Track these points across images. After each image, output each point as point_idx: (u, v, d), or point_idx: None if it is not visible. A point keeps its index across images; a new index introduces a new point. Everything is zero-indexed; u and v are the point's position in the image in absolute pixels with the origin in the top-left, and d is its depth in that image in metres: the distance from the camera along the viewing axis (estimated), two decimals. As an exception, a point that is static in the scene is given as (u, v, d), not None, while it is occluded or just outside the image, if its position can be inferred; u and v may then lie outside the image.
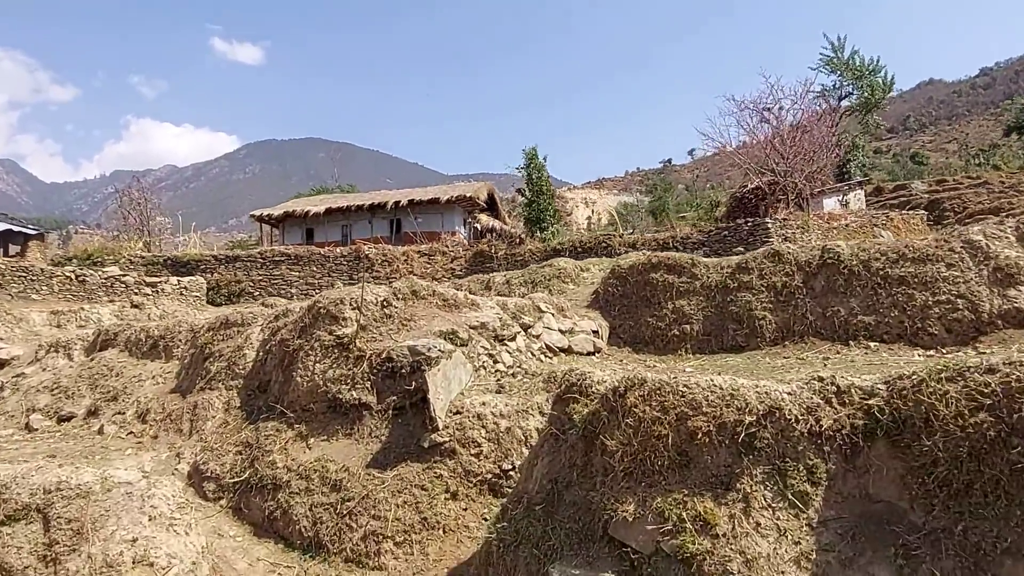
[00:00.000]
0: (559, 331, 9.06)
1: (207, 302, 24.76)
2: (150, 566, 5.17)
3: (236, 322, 8.97)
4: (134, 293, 21.98)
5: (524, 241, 32.81)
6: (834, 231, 27.90)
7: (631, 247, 25.97)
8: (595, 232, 37.23)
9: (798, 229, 26.73)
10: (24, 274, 20.41)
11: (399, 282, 7.97)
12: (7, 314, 13.70)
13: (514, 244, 31.87)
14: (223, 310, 9.43)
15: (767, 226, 26.26)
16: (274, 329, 8.14)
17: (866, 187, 46.47)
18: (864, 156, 53.30)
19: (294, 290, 27.72)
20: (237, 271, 28.88)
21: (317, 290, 25.10)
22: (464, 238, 35.63)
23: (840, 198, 38.88)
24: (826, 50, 46.12)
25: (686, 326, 9.30)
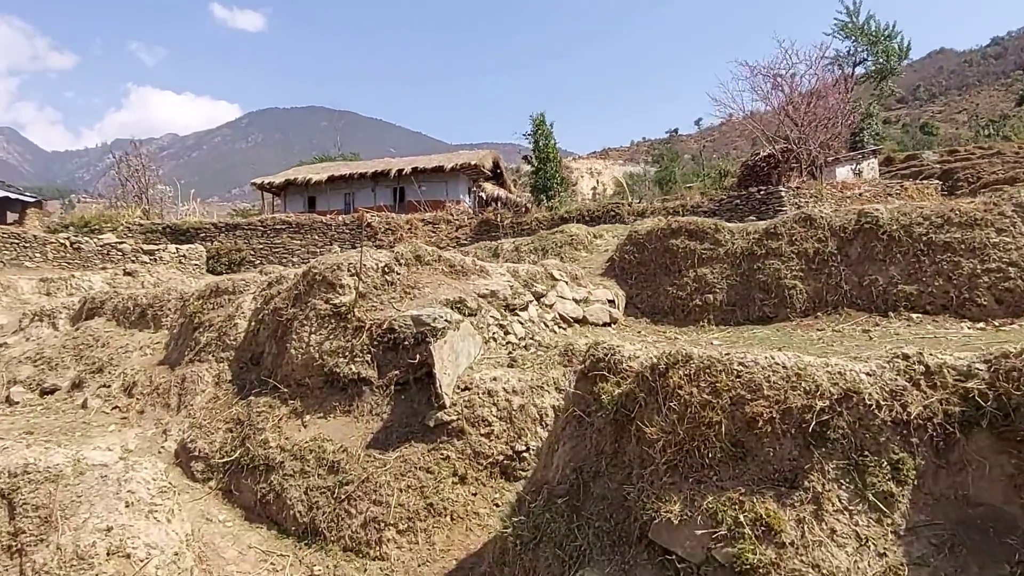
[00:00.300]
0: (573, 300, 8.46)
1: (207, 271, 24.19)
2: (126, 558, 4.66)
3: (227, 290, 8.40)
4: (131, 261, 21.42)
5: (530, 210, 32.10)
6: (847, 200, 27.09)
7: (640, 216, 25.28)
8: (603, 201, 36.46)
9: (811, 198, 25.97)
10: (16, 241, 19.82)
11: (402, 246, 7.37)
12: (-8, 281, 13.17)
13: (520, 213, 31.18)
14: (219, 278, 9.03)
15: (780, 194, 25.53)
16: (267, 297, 7.57)
17: (878, 156, 45.46)
18: (877, 125, 52.10)
19: (295, 259, 27.13)
20: (237, 239, 28.30)
21: (319, 259, 24.47)
22: (469, 207, 34.91)
23: (853, 167, 37.95)
24: (840, 15, 44.59)
25: (709, 295, 8.70)
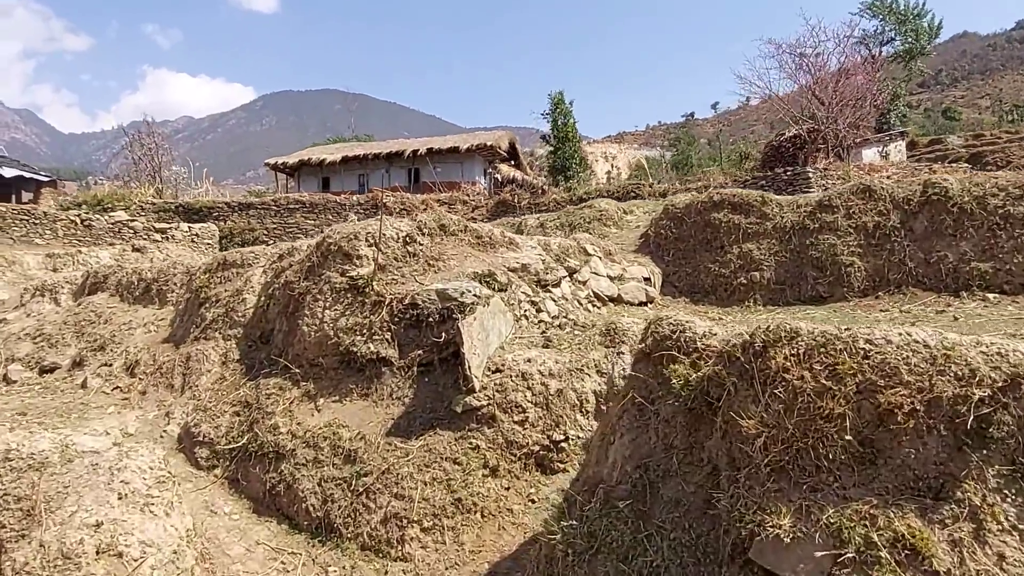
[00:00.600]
0: (608, 277, 7.82)
1: (219, 250, 23.77)
2: (118, 556, 4.12)
3: (235, 263, 7.82)
4: (142, 239, 21.02)
5: (546, 191, 31.37)
6: (846, 184, 26.17)
7: (662, 197, 24.57)
8: (623, 182, 35.62)
9: (839, 180, 25.08)
10: (27, 218, 19.44)
11: (425, 215, 6.75)
12: (-2, 256, 12.73)
13: (537, 194, 30.47)
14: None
15: (808, 175, 24.64)
16: (278, 270, 6.99)
17: (906, 139, 44.16)
18: (904, 106, 50.62)
19: (309, 238, 26.67)
20: (251, 219, 27.89)
21: (333, 239, 23.98)
22: (484, 188, 34.24)
23: (880, 149, 36.80)
24: (869, -8, 43.05)
25: (755, 273, 8.02)
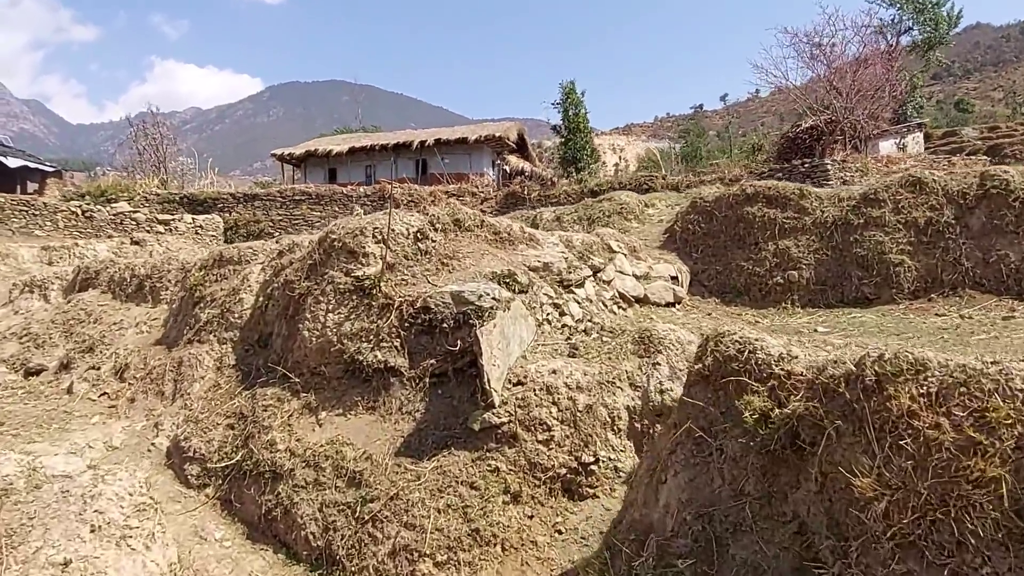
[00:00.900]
0: (633, 276, 7.25)
1: (224, 242, 23.27)
2: (89, 600, 3.62)
3: (232, 259, 7.28)
4: (145, 230, 20.57)
5: (556, 183, 30.78)
6: (894, 176, 25.43)
7: (675, 190, 23.98)
8: (633, 174, 34.94)
9: (857, 172, 24.43)
10: (26, 209, 18.97)
11: (437, 208, 6.19)
12: (-12, 249, 12.23)
13: (547, 186, 29.88)
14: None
15: (826, 167, 23.99)
16: (277, 268, 6.44)
17: (923, 130, 43.22)
18: (922, 97, 49.60)
19: (315, 231, 26.15)
20: (256, 210, 27.43)
21: (339, 231, 23.44)
22: (493, 180, 33.68)
23: (897, 141, 35.99)
24: (886, -20, 42.03)
25: (792, 272, 7.43)
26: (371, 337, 5.21)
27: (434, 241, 5.80)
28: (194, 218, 23.74)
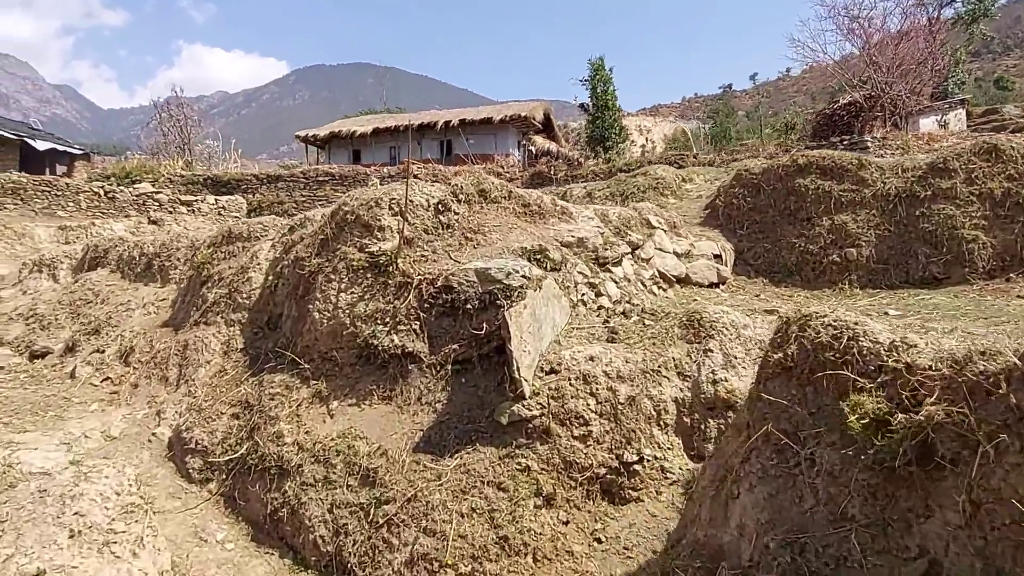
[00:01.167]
0: (674, 254, 6.65)
1: (246, 223, 23.02)
2: (64, 616, 3.19)
3: (241, 235, 6.82)
4: (167, 211, 20.40)
5: (582, 163, 30.04)
6: (935, 154, 24.26)
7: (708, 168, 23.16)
8: (665, 153, 34.03)
9: (898, 150, 23.32)
10: (48, 190, 18.85)
11: (461, 178, 5.64)
12: (6, 228, 11.96)
13: (574, 166, 29.15)
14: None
15: (866, 144, 22.90)
16: (288, 244, 5.96)
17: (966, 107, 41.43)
18: (963, 73, 47.62)
19: (327, 208, 25.83)
20: (279, 191, 27.17)
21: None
22: (518, 160, 33.06)
23: (939, 117, 34.50)
24: (929, -51, 40.18)
25: (850, 249, 6.76)
26: (387, 319, 4.70)
27: (457, 213, 5.25)
28: (217, 199, 23.55)
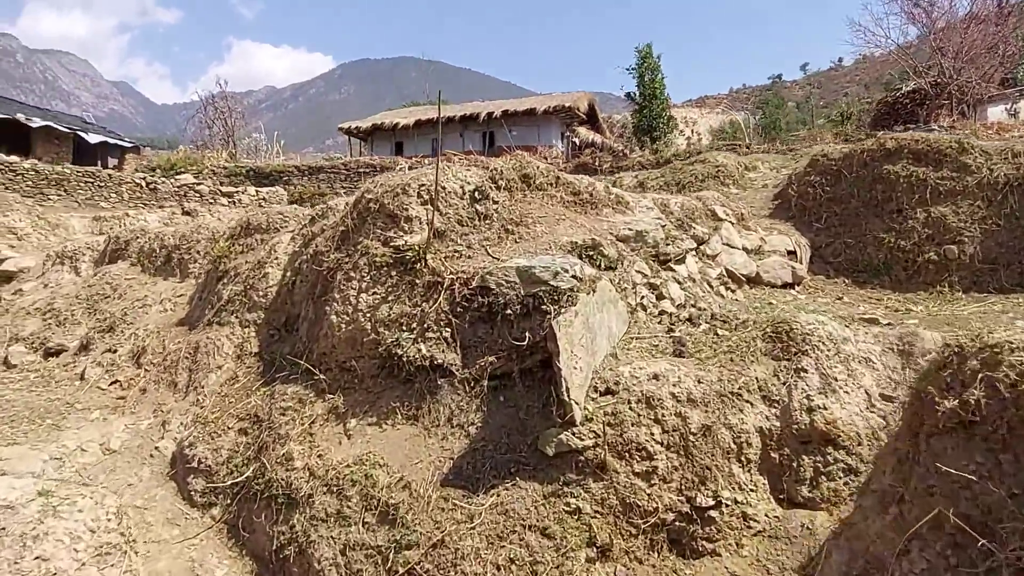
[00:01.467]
0: (743, 250, 5.83)
1: (287, 215, 22.81)
2: None
3: (260, 227, 6.25)
4: (208, 202, 20.35)
5: (628, 155, 29.04)
6: None
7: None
8: (715, 143, 32.78)
9: (967, 140, 21.74)
10: (91, 180, 18.94)
11: (501, 160, 4.94)
12: (40, 219, 11.77)
13: (619, 157, 28.20)
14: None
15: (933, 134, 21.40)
16: (307, 237, 5.36)
17: (1036, 95, 38.87)
18: (1033, 60, 44.73)
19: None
20: (320, 183, 27.03)
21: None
22: (561, 152, 32.26)
23: (1008, 106, 32.36)
24: (998, -73, 37.73)
25: (950, 246, 5.85)
26: (413, 325, 4.03)
27: (496, 202, 4.55)
28: (257, 190, 23.45)
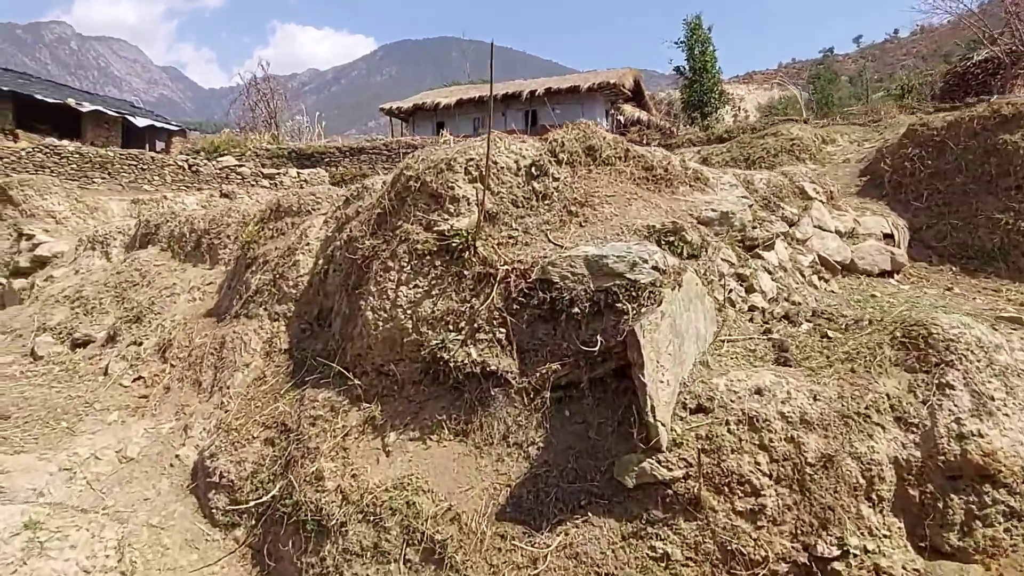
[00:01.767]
0: (836, 233, 5.07)
1: (329, 197, 22.59)
2: None
3: (291, 209, 5.73)
4: (250, 184, 20.23)
5: (675, 133, 27.93)
6: None
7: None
8: (772, 118, 31.34)
9: (1048, 112, 20.08)
10: (135, 163, 18.99)
11: (561, 131, 4.29)
12: (78, 202, 11.55)
13: (667, 134, 27.15)
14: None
15: (1014, 105, 19.79)
16: (341, 220, 4.81)
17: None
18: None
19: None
20: (362, 164, 26.79)
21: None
22: (606, 130, 31.18)
23: (1091, 76, 30.04)
24: None
25: (1084, 229, 4.99)
26: (462, 324, 3.44)
27: (556, 179, 3.91)
28: (299, 172, 23.32)
